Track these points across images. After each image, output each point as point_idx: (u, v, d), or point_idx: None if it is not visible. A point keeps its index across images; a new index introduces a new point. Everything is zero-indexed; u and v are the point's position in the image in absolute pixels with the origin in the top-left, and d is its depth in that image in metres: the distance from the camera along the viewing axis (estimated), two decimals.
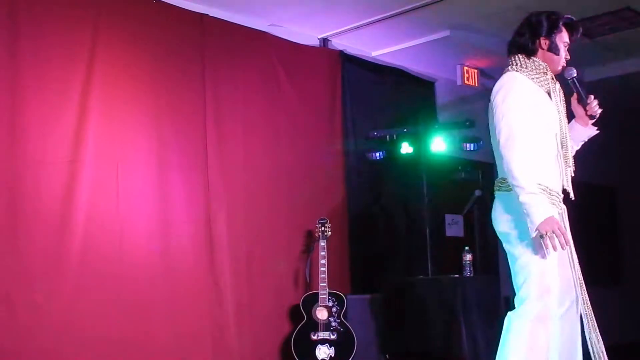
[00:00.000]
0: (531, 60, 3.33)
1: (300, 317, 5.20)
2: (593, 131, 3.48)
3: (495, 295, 5.62)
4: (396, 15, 5.71)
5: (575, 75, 3.37)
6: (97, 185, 4.56)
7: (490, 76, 6.61)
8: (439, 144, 6.17)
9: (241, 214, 5.28)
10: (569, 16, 3.40)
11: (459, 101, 7.11)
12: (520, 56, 3.36)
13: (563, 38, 3.36)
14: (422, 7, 5.53)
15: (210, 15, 5.31)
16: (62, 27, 4.52)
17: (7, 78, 4.26)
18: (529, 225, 3.08)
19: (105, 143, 4.63)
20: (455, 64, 6.70)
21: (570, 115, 3.48)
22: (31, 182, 4.30)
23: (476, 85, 6.76)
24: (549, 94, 3.33)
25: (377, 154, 6.17)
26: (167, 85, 5.00)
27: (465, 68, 6.74)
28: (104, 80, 4.66)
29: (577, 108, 3.46)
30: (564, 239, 3.04)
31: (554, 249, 3.04)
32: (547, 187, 3.18)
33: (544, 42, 3.34)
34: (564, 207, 3.31)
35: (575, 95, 3.44)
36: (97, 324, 4.42)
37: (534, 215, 3.04)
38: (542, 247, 3.08)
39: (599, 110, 3.40)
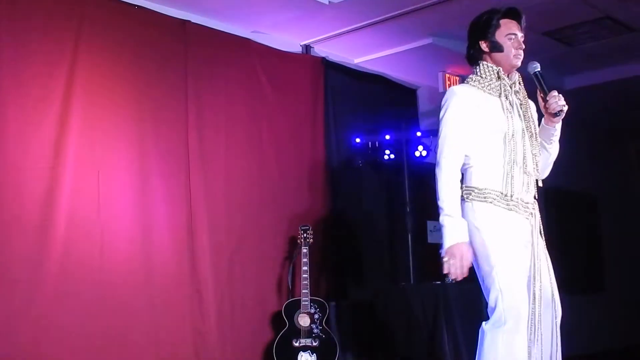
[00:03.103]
0: (483, 66, 3.24)
1: (282, 324, 5.18)
2: (554, 129, 3.25)
3: (476, 301, 5.63)
4: (378, 22, 5.73)
5: (538, 69, 3.21)
6: (78, 192, 4.52)
7: None
8: (421, 151, 6.21)
9: (223, 221, 5.27)
10: (507, 7, 3.24)
11: (440, 108, 7.14)
12: (475, 67, 3.29)
13: (504, 32, 3.20)
14: (404, 14, 5.55)
15: (193, 21, 5.30)
16: (43, 32, 4.49)
17: None
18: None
19: (87, 149, 4.60)
20: (437, 71, 6.73)
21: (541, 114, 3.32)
22: (11, 188, 4.26)
23: None
24: (508, 98, 3.19)
25: (360, 161, 6.19)
26: (149, 91, 4.98)
27: (447, 75, 6.76)
28: (85, 87, 4.63)
29: (542, 104, 3.28)
30: (459, 272, 3.04)
31: (451, 276, 3.07)
32: (500, 193, 3.12)
33: (484, 45, 3.23)
34: (536, 214, 3.23)
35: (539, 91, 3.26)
36: (77, 330, 4.38)
37: (445, 238, 3.06)
38: (508, 259, 3.08)
39: (557, 108, 3.16)
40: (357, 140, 6.23)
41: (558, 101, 3.15)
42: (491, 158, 3.17)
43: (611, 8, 5.58)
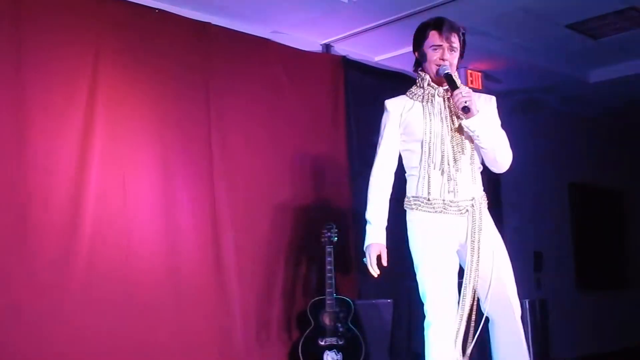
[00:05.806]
0: (418, 74, 3.49)
1: (308, 323, 5.19)
2: (465, 124, 3.29)
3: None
4: (398, 19, 5.71)
5: (447, 71, 3.34)
6: (103, 196, 4.56)
7: (494, 79, 6.60)
8: None
9: (247, 220, 5.28)
10: (434, 18, 3.42)
11: None
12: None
13: (429, 43, 3.40)
14: (424, 10, 5.51)
15: (213, 23, 5.32)
16: (65, 39, 4.53)
17: (13, 91, 4.27)
18: None
19: (111, 153, 4.64)
20: (458, 67, 6.69)
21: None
22: (39, 193, 4.30)
23: (480, 88, 6.73)
24: (430, 103, 3.39)
25: None
26: (171, 94, 5.01)
27: (469, 71, 6.72)
28: (108, 91, 4.66)
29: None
30: (370, 270, 3.41)
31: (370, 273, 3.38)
32: (420, 197, 3.38)
33: (416, 55, 3.49)
34: (475, 211, 3.31)
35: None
36: (104, 331, 4.42)
37: (365, 242, 3.44)
38: (429, 263, 3.31)
39: (460, 104, 3.23)
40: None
41: (460, 97, 3.24)
42: (415, 164, 3.40)
43: None
